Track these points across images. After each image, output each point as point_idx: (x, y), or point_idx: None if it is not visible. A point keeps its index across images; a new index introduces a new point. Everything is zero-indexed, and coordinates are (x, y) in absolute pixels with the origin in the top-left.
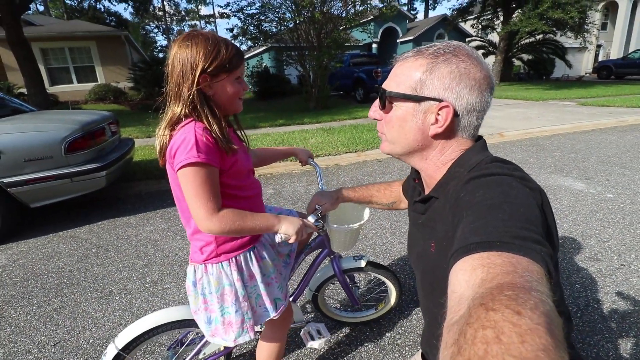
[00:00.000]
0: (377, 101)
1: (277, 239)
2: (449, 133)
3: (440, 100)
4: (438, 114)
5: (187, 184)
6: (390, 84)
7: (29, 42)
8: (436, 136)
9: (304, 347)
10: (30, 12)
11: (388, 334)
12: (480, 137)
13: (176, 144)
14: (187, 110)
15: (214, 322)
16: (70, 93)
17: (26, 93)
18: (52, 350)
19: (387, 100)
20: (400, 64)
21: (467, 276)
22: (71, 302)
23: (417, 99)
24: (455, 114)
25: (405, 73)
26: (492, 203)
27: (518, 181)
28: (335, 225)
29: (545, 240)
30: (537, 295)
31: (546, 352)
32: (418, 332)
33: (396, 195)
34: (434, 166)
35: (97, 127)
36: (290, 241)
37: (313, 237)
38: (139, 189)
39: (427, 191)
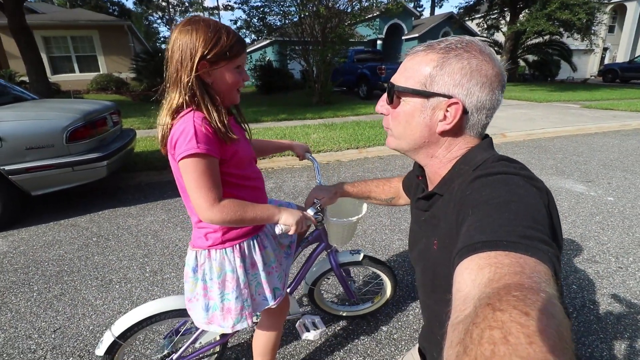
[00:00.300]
0: (385, 95)
1: (277, 230)
2: (456, 130)
3: (449, 97)
4: (447, 111)
5: (188, 175)
6: (399, 79)
7: (31, 30)
8: (443, 133)
9: (300, 339)
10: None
11: (384, 328)
12: (487, 136)
13: (176, 134)
14: (186, 98)
15: (212, 309)
16: (72, 82)
17: (28, 81)
18: (52, 336)
19: (395, 95)
20: (411, 58)
21: (473, 275)
22: (71, 290)
23: (426, 95)
24: (465, 111)
25: (415, 67)
26: (498, 202)
27: (525, 180)
28: (334, 219)
29: (552, 240)
30: (545, 296)
31: (554, 354)
32: (414, 327)
33: (395, 191)
34: (440, 163)
35: (99, 116)
36: (290, 232)
37: (310, 230)
38: (140, 179)
39: (430, 188)
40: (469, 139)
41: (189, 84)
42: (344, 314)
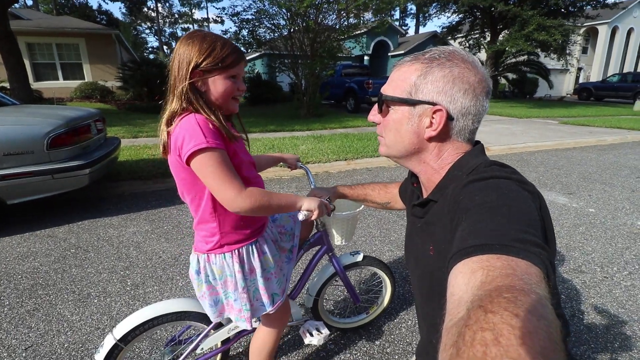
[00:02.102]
0: (376, 105)
1: (301, 216)
2: (443, 136)
3: (433, 104)
4: (432, 117)
5: (205, 170)
6: (388, 89)
7: (14, 36)
8: (431, 139)
9: (301, 347)
10: (18, 5)
11: (377, 342)
12: (478, 142)
13: (180, 135)
14: (183, 105)
15: (220, 302)
16: (55, 90)
17: (9, 88)
18: (23, 354)
19: (385, 104)
20: (398, 69)
21: (466, 279)
22: (46, 304)
23: (412, 103)
24: (450, 118)
25: (401, 77)
26: (491, 206)
27: (517, 184)
28: (337, 213)
29: (544, 243)
30: (536, 297)
31: (544, 355)
32: (407, 340)
33: (391, 196)
34: (432, 170)
35: (83, 123)
36: (313, 217)
37: (312, 233)
38: (123, 189)
39: (425, 195)
40: (459, 144)
41: (184, 91)
42: (339, 326)
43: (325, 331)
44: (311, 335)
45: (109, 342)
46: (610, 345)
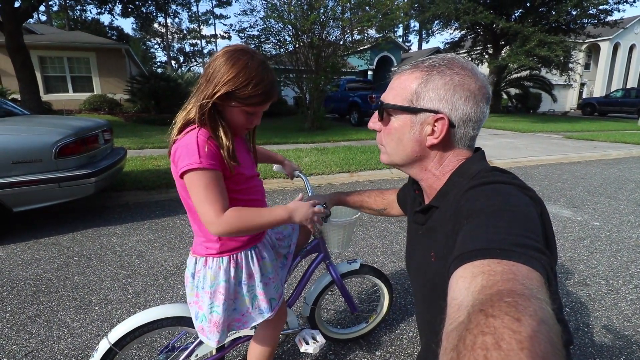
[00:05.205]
0: (377, 113)
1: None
2: (445, 143)
3: (435, 112)
4: (434, 125)
5: (193, 189)
6: (388, 97)
7: (27, 50)
8: (433, 147)
9: (298, 356)
10: (32, 20)
11: (378, 353)
12: (479, 149)
13: (179, 149)
14: (197, 115)
15: (200, 320)
16: (64, 102)
17: (20, 99)
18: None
19: (385, 112)
20: (398, 77)
21: (467, 283)
22: (47, 311)
23: (413, 111)
24: (451, 125)
25: (402, 85)
26: (492, 211)
27: (518, 189)
28: (334, 220)
29: (545, 248)
30: (536, 302)
31: (545, 359)
32: (409, 351)
33: (387, 203)
34: (434, 177)
35: (91, 133)
36: (309, 226)
37: (309, 240)
38: (127, 199)
39: (427, 201)
40: (459, 151)
41: (204, 105)
42: (339, 337)
43: (322, 339)
44: (307, 343)
45: (103, 347)
46: (616, 359)
